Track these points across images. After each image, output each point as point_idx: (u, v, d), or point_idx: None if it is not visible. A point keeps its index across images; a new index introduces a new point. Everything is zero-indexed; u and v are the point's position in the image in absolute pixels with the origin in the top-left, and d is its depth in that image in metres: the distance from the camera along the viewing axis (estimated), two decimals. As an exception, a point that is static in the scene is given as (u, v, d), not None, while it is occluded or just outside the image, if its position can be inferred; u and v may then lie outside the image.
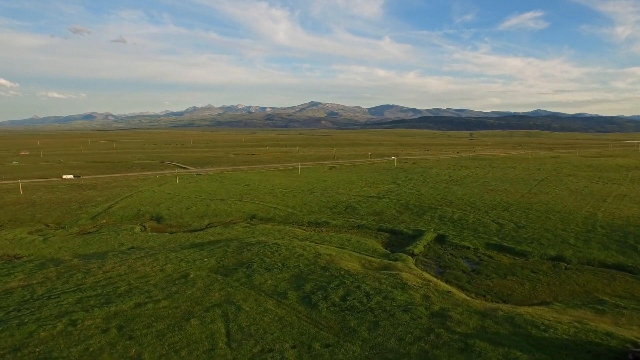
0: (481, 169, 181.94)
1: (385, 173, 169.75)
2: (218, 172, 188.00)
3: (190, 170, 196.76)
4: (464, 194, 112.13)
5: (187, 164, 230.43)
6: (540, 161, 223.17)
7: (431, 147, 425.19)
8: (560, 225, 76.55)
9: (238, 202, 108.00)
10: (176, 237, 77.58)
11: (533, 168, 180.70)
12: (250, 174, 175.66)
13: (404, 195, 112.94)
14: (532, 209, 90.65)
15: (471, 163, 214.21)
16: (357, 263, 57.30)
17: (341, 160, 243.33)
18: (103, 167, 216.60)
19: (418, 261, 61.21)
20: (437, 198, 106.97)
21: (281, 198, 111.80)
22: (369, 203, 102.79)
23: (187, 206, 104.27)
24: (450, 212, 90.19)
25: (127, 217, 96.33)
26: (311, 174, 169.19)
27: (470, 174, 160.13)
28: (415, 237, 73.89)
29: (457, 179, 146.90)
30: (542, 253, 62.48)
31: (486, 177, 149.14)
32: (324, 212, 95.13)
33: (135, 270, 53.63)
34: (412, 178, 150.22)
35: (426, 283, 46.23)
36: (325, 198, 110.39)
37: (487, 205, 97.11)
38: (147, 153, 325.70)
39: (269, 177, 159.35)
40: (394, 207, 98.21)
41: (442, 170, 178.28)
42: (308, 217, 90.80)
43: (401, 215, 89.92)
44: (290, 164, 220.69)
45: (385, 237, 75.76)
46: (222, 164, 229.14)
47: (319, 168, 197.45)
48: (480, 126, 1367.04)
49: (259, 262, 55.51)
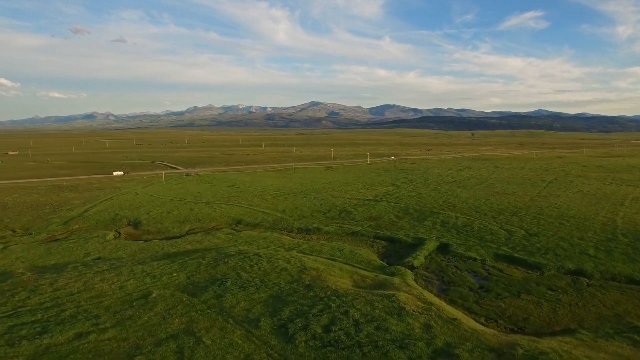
0: (485, 169, 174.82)
1: (384, 174, 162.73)
2: (209, 172, 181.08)
3: (180, 171, 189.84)
4: (468, 197, 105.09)
5: (179, 164, 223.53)
6: (547, 161, 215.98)
7: (432, 147, 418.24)
8: (576, 232, 69.50)
9: (224, 205, 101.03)
10: (150, 245, 70.60)
11: (540, 169, 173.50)
12: (241, 174, 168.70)
13: (404, 198, 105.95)
14: (543, 214, 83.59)
15: (474, 163, 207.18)
16: (347, 279, 50.33)
17: (339, 161, 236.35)
18: (91, 167, 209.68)
19: (418, 275, 54.23)
20: (439, 201, 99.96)
21: (271, 201, 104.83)
22: (365, 207, 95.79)
23: (169, 210, 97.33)
24: (454, 218, 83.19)
25: (103, 222, 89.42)
26: (306, 175, 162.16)
27: (474, 175, 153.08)
28: (416, 246, 66.97)
29: (460, 180, 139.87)
30: (558, 266, 55.50)
31: (491, 179, 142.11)
32: (316, 217, 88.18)
33: (91, 287, 46.67)
34: (412, 179, 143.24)
35: (427, 307, 39.19)
36: (318, 201, 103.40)
37: (493, 209, 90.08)
38: (140, 153, 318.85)
39: (261, 178, 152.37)
40: (392, 211, 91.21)
41: (444, 171, 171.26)
42: (298, 223, 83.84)
43: (400, 221, 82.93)
44: (286, 164, 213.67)
45: (382, 245, 68.79)
46: (215, 164, 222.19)
47: (314, 168, 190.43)
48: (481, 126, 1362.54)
49: (235, 277, 48.56)
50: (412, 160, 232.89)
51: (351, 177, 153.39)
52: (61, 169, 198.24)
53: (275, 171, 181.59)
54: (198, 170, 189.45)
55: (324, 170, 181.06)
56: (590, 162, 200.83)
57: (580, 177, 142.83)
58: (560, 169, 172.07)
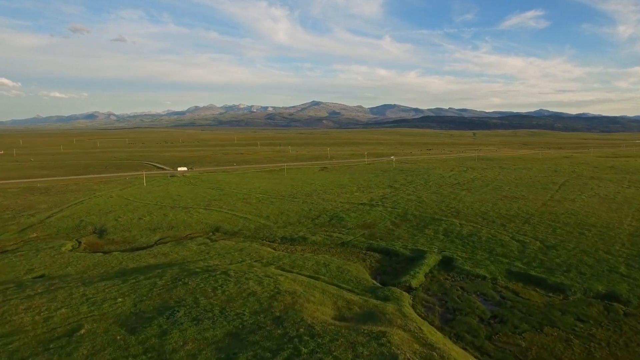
0: (490, 170, 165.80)
1: (381, 175, 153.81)
2: (197, 173, 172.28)
3: (167, 171, 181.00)
4: (474, 201, 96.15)
5: (168, 164, 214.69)
6: (554, 162, 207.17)
7: (433, 147, 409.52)
8: (601, 245, 60.58)
9: (203, 210, 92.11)
10: (108, 259, 61.72)
11: (549, 170, 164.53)
12: (230, 175, 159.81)
13: (402, 202, 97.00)
14: (560, 222, 74.69)
15: (478, 164, 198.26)
16: (330, 306, 41.44)
17: (335, 161, 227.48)
18: (74, 167, 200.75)
19: (417, 300, 45.37)
20: (441, 206, 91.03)
21: (255, 205, 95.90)
22: (359, 212, 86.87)
23: (141, 216, 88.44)
24: (458, 225, 74.29)
25: (65, 230, 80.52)
26: (298, 176, 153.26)
27: (479, 177, 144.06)
28: (414, 260, 58.15)
29: (464, 182, 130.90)
30: (585, 288, 46.63)
31: (497, 180, 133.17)
32: (304, 224, 79.29)
33: (7, 320, 37.73)
34: (412, 181, 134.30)
35: (428, 354, 30.25)
36: (307, 206, 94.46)
37: (502, 215, 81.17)
38: (130, 152, 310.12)
39: (250, 180, 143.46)
40: (389, 217, 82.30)
41: (446, 172, 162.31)
42: (282, 231, 74.97)
43: (397, 229, 74.02)
44: (280, 164, 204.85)
45: (375, 259, 59.92)
46: (205, 164, 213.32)
47: (309, 169, 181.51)
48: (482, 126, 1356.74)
49: (191, 305, 39.69)
50: (412, 160, 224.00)
51: (346, 178, 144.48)
52: (42, 170, 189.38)
53: (267, 172, 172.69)
54: (186, 171, 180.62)
55: (318, 171, 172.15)
56: (601, 163, 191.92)
57: (594, 178, 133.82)
58: (570, 170, 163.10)
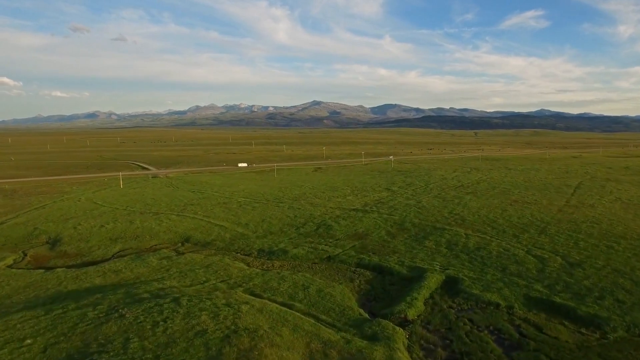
0: (496, 171, 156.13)
1: (378, 176, 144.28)
2: (181, 173, 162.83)
3: (151, 172, 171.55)
4: (480, 206, 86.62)
5: (153, 164, 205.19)
6: (563, 162, 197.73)
7: (434, 146, 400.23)
8: (636, 262, 51.16)
9: (175, 216, 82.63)
10: (47, 277, 52.23)
11: (559, 170, 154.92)
12: (216, 176, 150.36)
13: (400, 208, 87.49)
14: (582, 232, 65.26)
15: (482, 164, 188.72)
16: (300, 351, 32.02)
17: (331, 161, 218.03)
18: (54, 167, 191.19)
19: (414, 339, 35.95)
20: (443, 213, 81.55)
21: (235, 211, 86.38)
22: (350, 220, 77.38)
23: (104, 223, 78.94)
24: (464, 236, 64.87)
25: (14, 240, 71.02)
26: (289, 177, 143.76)
27: (484, 178, 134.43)
28: (412, 280, 48.83)
29: (469, 184, 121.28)
30: (628, 322, 37.22)
31: (505, 183, 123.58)
32: (286, 234, 69.88)
33: None
34: (411, 183, 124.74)
35: None
36: (293, 212, 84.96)
37: (514, 224, 71.71)
38: (119, 152, 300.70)
39: (236, 181, 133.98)
40: (384, 226, 72.85)
41: (449, 173, 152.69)
42: (261, 242, 65.55)
43: (393, 240, 64.59)
44: (272, 164, 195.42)
45: (365, 279, 50.50)
46: (193, 164, 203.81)
47: (302, 169, 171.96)
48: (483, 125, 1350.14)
49: (117, 351, 30.27)
50: (412, 161, 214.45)
51: (340, 179, 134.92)
52: (19, 170, 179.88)
53: (256, 172, 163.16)
54: (169, 172, 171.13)
55: (311, 172, 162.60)
56: (614, 163, 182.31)
57: (611, 180, 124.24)
58: (582, 170, 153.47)
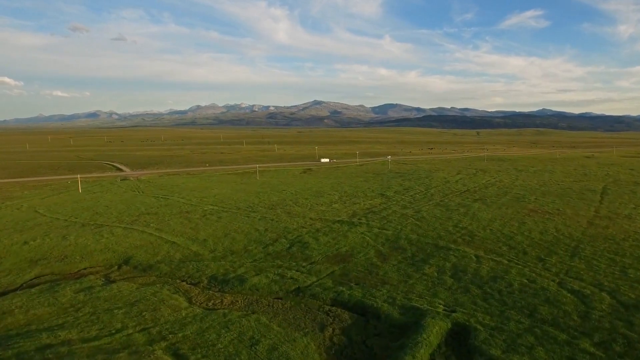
0: (505, 173, 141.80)
1: (373, 179, 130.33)
2: (155, 175, 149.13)
3: (124, 173, 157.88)
4: (492, 217, 72.63)
5: (131, 164, 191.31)
6: (577, 162, 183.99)
7: (435, 146, 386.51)
8: None
9: (122, 230, 68.76)
10: None
11: (576, 173, 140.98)
12: (192, 178, 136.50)
13: (394, 219, 73.59)
14: (626, 254, 51.47)
15: (489, 165, 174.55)
16: None
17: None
18: (21, 168, 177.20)
19: None
20: (447, 226, 67.69)
21: (196, 223, 72.51)
22: (332, 235, 63.51)
23: (31, 238, 65.10)
24: (474, 259, 51.09)
25: None
26: (272, 180, 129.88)
27: (493, 182, 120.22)
28: (406, 329, 35.36)
29: (476, 189, 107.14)
30: None
31: (517, 187, 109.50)
32: (250, 254, 56.08)
33: None
34: (409, 187, 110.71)
35: None
36: (265, 223, 71.07)
37: (536, 242, 57.85)
38: (100, 151, 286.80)
39: (212, 184, 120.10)
40: (373, 243, 59.04)
41: (452, 175, 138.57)
42: (216, 266, 51.78)
43: (384, 265, 50.81)
44: (258, 165, 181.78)
45: (341, 326, 36.74)
46: (173, 165, 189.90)
47: (289, 171, 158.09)
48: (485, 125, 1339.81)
49: None
50: (412, 161, 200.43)
51: (329, 183, 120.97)
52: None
53: (238, 174, 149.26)
54: (144, 173, 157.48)
55: (299, 174, 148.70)
56: (635, 164, 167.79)
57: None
58: (601, 172, 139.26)
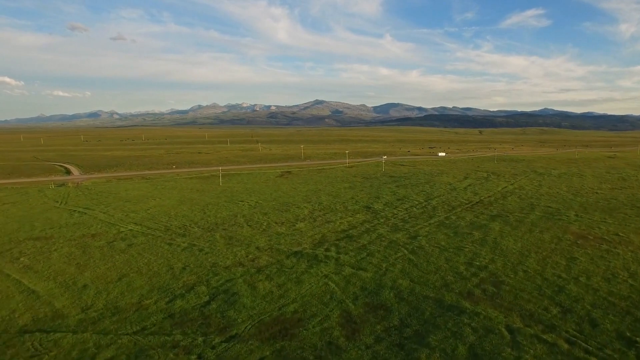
0: (524, 177, 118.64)
1: (360, 185, 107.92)
2: (103, 180, 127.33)
3: (68, 178, 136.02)
4: (523, 249, 50.29)
5: (86, 167, 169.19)
6: (604, 163, 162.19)
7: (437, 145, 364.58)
8: None
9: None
10: None
11: (611, 177, 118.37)
12: (140, 184, 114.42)
13: (379, 251, 51.27)
14: None
15: (501, 167, 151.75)
16: None
17: (310, 162, 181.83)
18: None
19: None
20: (457, 264, 45.39)
21: (90, 255, 50.15)
22: (280, 279, 41.21)
23: None
24: (507, 340, 28.94)
25: None
26: (236, 186, 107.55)
27: (512, 189, 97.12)
28: None
29: (491, 200, 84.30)
30: None
31: (544, 196, 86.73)
32: (142, 315, 34.03)
33: None
34: (404, 197, 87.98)
35: None
36: (187, 256, 48.77)
37: (604, 300, 35.77)
38: (63, 152, 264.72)
39: (158, 192, 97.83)
40: (339, 297, 36.88)
41: (459, 180, 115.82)
42: (72, 341, 30.65)
43: (349, 347, 28.56)
44: (234, 167, 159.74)
45: None
46: (134, 167, 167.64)
47: (263, 174, 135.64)
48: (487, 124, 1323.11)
49: None
50: (410, 162, 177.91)
51: (304, 190, 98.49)
52: None
53: (201, 178, 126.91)
54: (92, 177, 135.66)
55: (274, 177, 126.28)
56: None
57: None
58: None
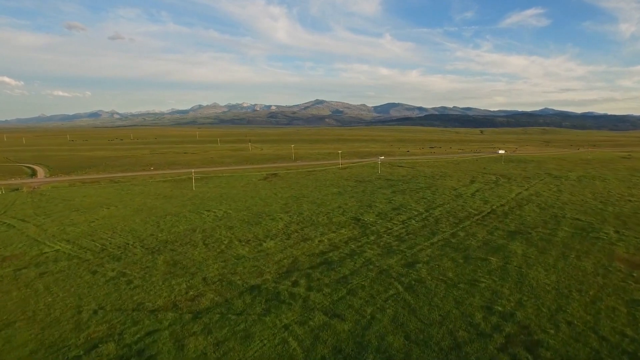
0: (539, 181, 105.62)
1: (352, 190, 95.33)
2: (66, 183, 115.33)
3: (28, 181, 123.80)
4: (558, 284, 37.80)
5: (56, 168, 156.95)
6: (622, 165, 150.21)
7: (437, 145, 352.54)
8: None
9: None
10: None
11: (637, 180, 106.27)
12: (105, 189, 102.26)
13: (363, 286, 38.78)
14: None
15: (511, 169, 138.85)
16: None
17: (300, 162, 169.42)
18: None
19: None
20: (471, 311, 32.86)
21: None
22: (226, 330, 28.55)
23: None
24: None
25: None
26: (210, 191, 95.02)
27: (527, 195, 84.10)
28: None
29: (505, 209, 71.44)
30: None
31: (569, 206, 74.01)
32: None
33: None
34: (401, 206, 75.02)
35: None
36: (107, 292, 36.21)
37: None
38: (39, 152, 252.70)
39: (117, 199, 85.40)
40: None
41: (465, 184, 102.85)
42: None
43: None
44: (216, 169, 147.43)
45: None
46: (109, 168, 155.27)
47: (246, 177, 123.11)
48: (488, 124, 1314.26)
49: None
50: (410, 163, 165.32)
51: (285, 197, 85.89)
52: None
53: (173, 181, 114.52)
54: (55, 180, 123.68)
55: (256, 181, 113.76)
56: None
57: None
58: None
